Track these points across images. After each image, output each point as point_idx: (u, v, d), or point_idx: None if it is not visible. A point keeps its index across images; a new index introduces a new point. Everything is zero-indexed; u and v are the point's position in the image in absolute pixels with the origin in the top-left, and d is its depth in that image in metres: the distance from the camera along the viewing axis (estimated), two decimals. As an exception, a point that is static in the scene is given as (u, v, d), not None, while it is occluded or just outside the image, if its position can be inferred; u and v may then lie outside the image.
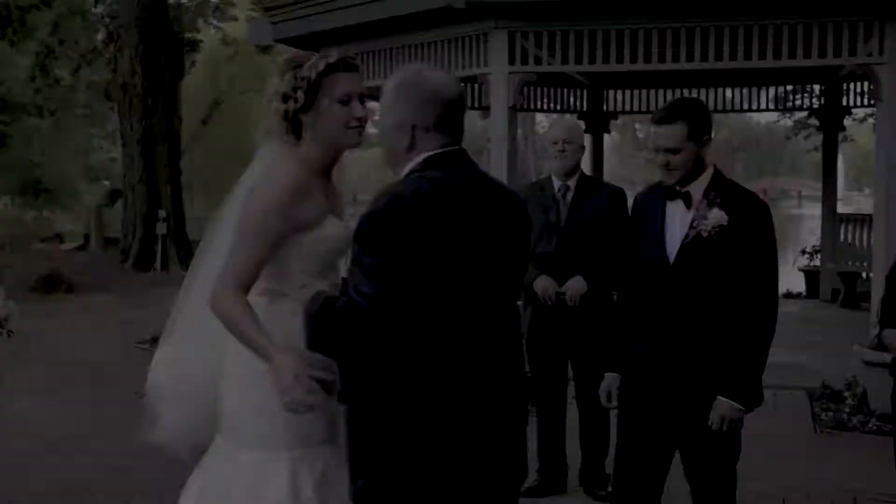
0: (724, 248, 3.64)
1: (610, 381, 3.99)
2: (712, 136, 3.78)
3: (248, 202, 2.94)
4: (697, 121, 3.73)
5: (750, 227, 3.67)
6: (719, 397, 3.69)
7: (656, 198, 3.87)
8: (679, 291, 3.72)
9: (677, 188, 3.76)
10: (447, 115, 2.70)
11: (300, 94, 2.94)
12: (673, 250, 3.74)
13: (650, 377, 3.80)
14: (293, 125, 3.00)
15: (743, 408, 3.73)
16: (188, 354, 3.18)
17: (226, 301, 2.87)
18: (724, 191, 3.72)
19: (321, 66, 2.93)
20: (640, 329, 3.85)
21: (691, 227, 3.69)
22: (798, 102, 15.96)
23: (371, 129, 3.53)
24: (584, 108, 14.76)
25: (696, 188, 3.74)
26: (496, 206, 2.72)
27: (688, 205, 3.73)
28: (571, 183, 5.53)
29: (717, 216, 3.65)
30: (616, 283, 4.26)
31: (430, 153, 2.69)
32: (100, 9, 22.90)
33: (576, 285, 5.39)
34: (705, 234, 3.65)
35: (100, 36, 23.45)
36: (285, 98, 2.96)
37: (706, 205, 3.68)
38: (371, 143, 6.44)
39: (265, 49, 24.51)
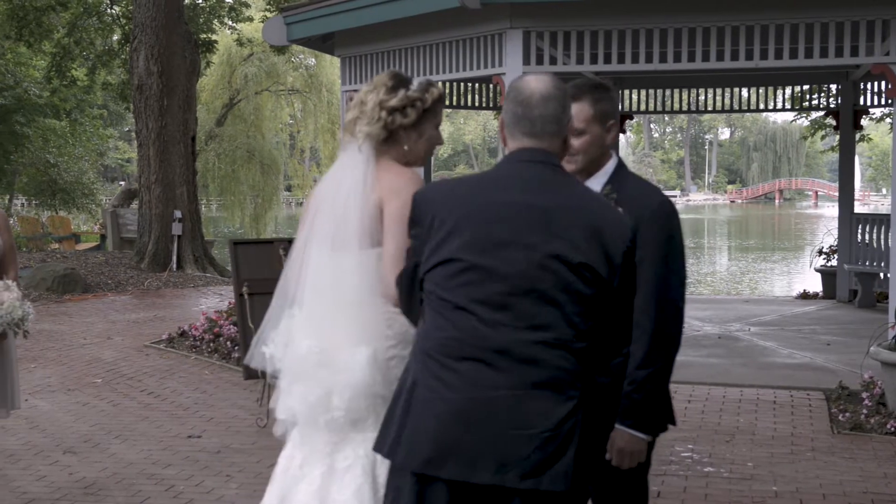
0: None
1: None
2: (617, 122, 3.44)
3: (397, 200, 3.19)
4: (603, 102, 3.37)
5: (647, 227, 3.17)
6: (617, 426, 3.11)
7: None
8: None
9: None
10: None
11: (412, 113, 3.28)
12: None
13: None
14: (390, 136, 3.29)
15: (645, 436, 3.17)
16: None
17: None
18: (623, 186, 3.32)
19: (436, 94, 3.33)
20: None
21: None
22: (814, 102, 15.89)
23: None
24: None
25: (596, 182, 3.36)
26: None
27: None
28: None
29: None
30: None
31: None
32: (116, 10, 22.98)
33: None
34: None
35: (116, 37, 23.54)
36: (392, 111, 3.27)
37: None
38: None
39: (280, 49, 24.61)
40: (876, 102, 13.72)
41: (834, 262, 14.43)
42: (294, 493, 3.28)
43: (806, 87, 15.17)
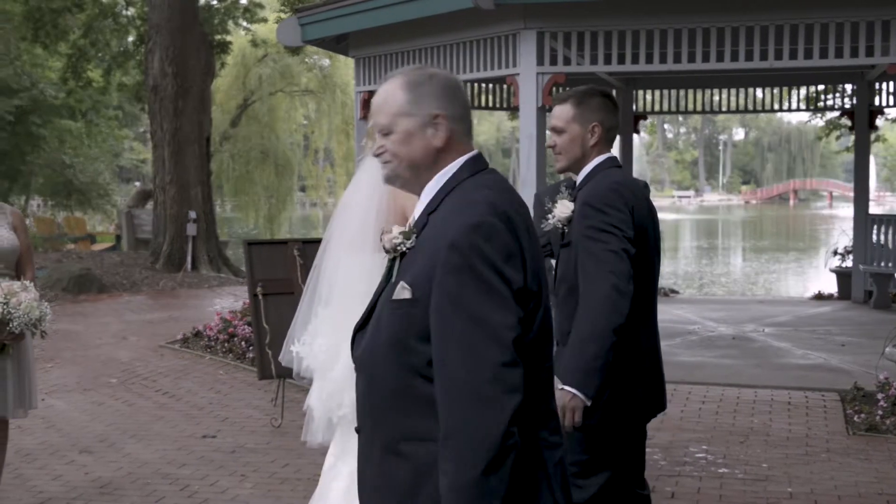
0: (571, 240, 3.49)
1: None
2: (605, 127, 3.52)
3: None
4: (585, 105, 3.53)
5: (577, 220, 3.44)
6: (557, 385, 3.16)
7: (558, 193, 3.72)
8: (556, 289, 3.58)
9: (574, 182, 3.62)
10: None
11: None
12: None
13: None
14: None
15: (578, 393, 3.26)
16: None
17: None
18: (588, 180, 3.51)
19: None
20: None
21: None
22: (829, 102, 15.84)
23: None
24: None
25: (580, 179, 3.59)
26: None
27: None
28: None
29: (563, 207, 3.50)
30: None
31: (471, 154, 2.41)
32: (131, 11, 23.07)
33: None
34: (559, 227, 3.54)
35: (131, 38, 23.63)
36: None
37: (568, 195, 3.54)
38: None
39: (294, 50, 24.66)
40: (891, 103, 13.66)
41: (849, 263, 14.38)
42: (329, 491, 3.33)
43: (821, 87, 15.13)
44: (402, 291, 2.25)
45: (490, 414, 2.09)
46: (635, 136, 15.29)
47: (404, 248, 2.33)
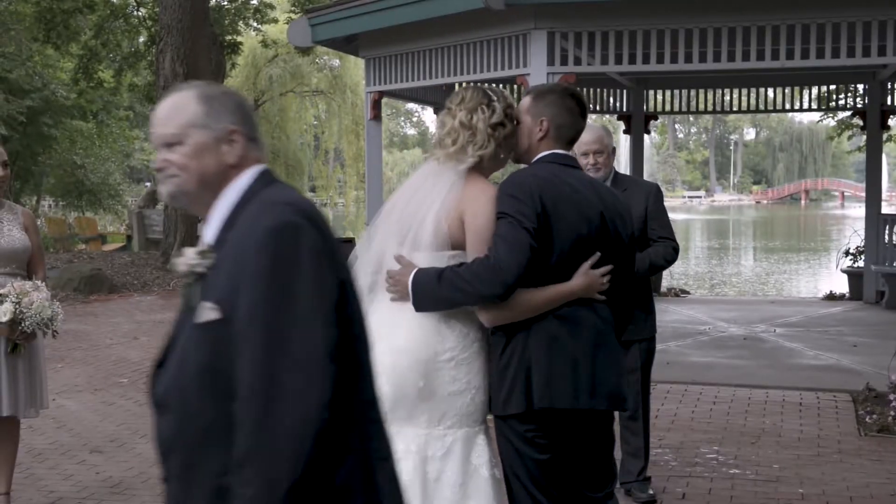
0: None
1: None
2: (553, 123, 3.57)
3: (481, 216, 3.34)
4: (540, 100, 3.62)
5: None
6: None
7: None
8: None
9: None
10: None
11: (508, 123, 3.47)
12: None
13: None
14: (497, 147, 3.46)
15: (411, 284, 3.45)
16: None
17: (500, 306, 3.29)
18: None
19: (512, 99, 3.54)
20: None
21: None
22: (841, 102, 15.79)
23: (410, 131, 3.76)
24: (625, 109, 14.70)
25: None
26: None
27: None
28: (608, 184, 5.49)
29: None
30: None
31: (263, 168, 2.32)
32: (142, 12, 23.13)
33: None
34: None
35: (142, 39, 23.69)
36: (496, 127, 3.44)
37: None
38: (408, 145, 6.45)
39: (305, 51, 24.69)
40: (904, 102, 13.60)
41: (861, 263, 14.34)
42: None
43: (832, 86, 15.07)
44: (209, 312, 2.09)
45: (312, 396, 1.97)
46: (646, 136, 15.26)
47: (202, 269, 2.18)
